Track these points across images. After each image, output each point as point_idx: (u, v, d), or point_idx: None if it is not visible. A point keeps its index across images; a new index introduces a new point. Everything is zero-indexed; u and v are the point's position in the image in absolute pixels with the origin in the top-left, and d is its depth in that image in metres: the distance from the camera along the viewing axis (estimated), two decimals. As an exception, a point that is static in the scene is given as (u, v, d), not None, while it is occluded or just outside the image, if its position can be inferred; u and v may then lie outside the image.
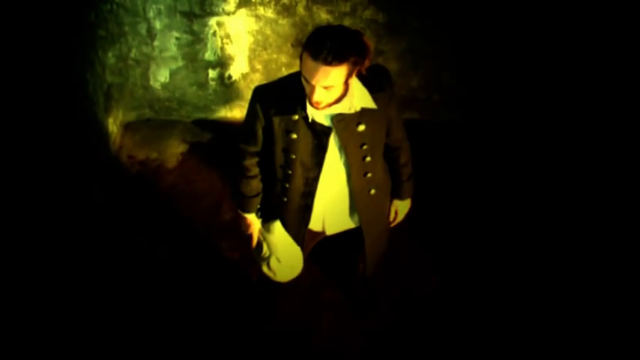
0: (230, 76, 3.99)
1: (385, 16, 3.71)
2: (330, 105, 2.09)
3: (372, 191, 2.40)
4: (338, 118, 2.16)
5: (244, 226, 2.57)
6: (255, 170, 2.42)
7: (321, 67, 1.90)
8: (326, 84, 1.94)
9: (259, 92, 2.25)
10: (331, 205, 2.45)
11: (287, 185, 2.35)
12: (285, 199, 2.40)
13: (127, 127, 4.13)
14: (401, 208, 2.67)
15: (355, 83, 2.12)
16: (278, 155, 2.30)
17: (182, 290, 3.24)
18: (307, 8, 3.69)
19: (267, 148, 2.33)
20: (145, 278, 3.27)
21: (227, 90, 4.07)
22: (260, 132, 2.29)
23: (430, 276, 3.32)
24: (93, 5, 3.54)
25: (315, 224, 2.52)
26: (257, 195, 2.47)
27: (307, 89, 2.02)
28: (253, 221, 2.54)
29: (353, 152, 2.26)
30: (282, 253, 2.58)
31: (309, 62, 1.91)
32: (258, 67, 3.96)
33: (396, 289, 3.25)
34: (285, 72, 3.88)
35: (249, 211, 2.51)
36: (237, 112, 4.16)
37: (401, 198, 2.63)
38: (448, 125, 4.15)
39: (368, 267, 2.71)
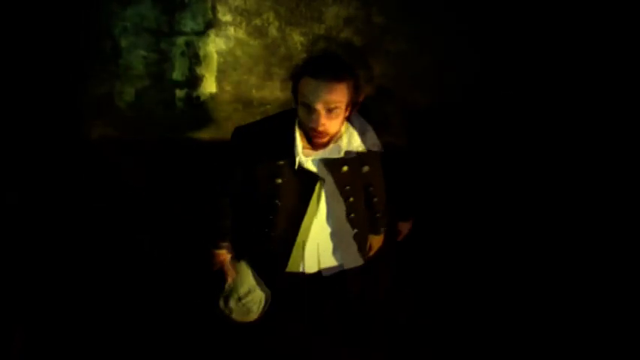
0: (198, 97, 3.87)
1: (361, 39, 3.66)
2: (324, 146, 2.00)
3: (355, 230, 2.29)
4: (325, 162, 2.06)
5: (214, 258, 2.43)
6: (228, 210, 2.31)
7: (324, 84, 1.84)
8: (330, 102, 1.85)
9: (240, 135, 2.13)
10: (311, 244, 2.31)
11: (266, 230, 2.23)
12: (264, 243, 2.28)
13: (92, 147, 3.94)
14: (404, 228, 2.60)
15: (358, 126, 2.04)
16: (259, 200, 2.18)
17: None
18: (280, 30, 3.61)
19: (245, 192, 2.21)
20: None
21: (195, 110, 3.93)
22: (239, 176, 2.17)
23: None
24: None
25: (293, 266, 2.37)
26: (228, 232, 2.37)
27: (308, 121, 1.91)
28: (224, 256, 2.42)
29: (337, 194, 2.16)
30: (245, 294, 2.47)
31: (311, 83, 1.86)
32: (228, 88, 3.85)
33: (391, 309, 3.05)
34: (255, 94, 3.80)
35: (220, 248, 2.39)
36: (205, 132, 4.02)
37: (405, 219, 2.57)
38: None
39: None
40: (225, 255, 2.41)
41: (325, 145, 2.00)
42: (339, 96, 1.87)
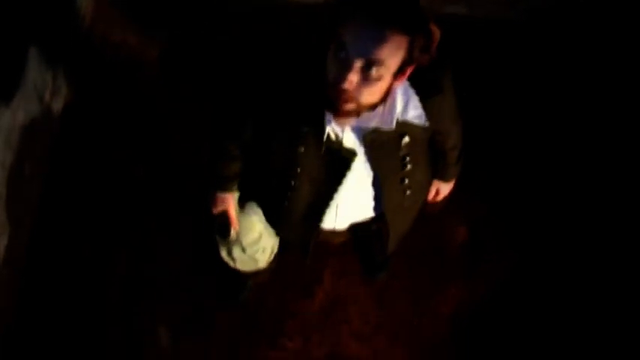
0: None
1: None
2: (359, 114, 1.45)
3: (408, 192, 1.88)
4: (370, 136, 1.58)
5: (217, 202, 2.09)
6: (235, 155, 1.92)
7: (375, 29, 1.28)
8: (375, 56, 1.29)
9: (254, 81, 1.66)
10: (347, 202, 1.91)
11: (288, 194, 1.83)
12: (286, 204, 1.88)
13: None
14: (443, 189, 2.22)
15: (400, 89, 1.53)
16: (276, 162, 1.77)
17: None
18: None
19: (260, 147, 1.79)
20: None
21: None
22: (250, 128, 1.75)
23: (459, 227, 2.90)
24: None
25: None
26: (236, 178, 2.01)
27: (334, 71, 1.36)
28: (229, 199, 2.07)
29: (390, 167, 1.73)
30: (251, 243, 2.19)
31: (357, 22, 1.29)
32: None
33: (416, 244, 2.77)
34: None
35: (225, 192, 2.04)
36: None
37: (444, 180, 2.16)
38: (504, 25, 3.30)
39: (389, 249, 2.26)
40: (230, 199, 2.06)
41: (351, 114, 1.44)
42: (389, 53, 1.30)
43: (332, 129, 1.57)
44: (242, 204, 2.11)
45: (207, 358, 2.67)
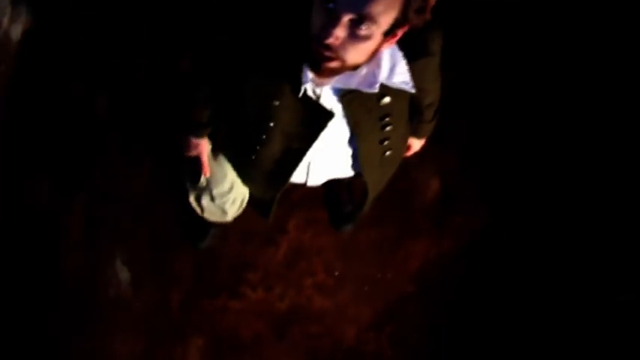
0: None
1: None
2: (339, 73, 1.32)
3: (388, 153, 1.78)
4: (349, 96, 1.45)
5: (190, 147, 1.96)
6: (208, 99, 1.79)
7: None
8: (367, 11, 1.15)
9: (232, 25, 1.51)
10: (321, 160, 1.80)
11: (258, 147, 1.71)
12: (254, 157, 1.77)
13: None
14: (415, 145, 2.10)
15: (387, 51, 1.38)
16: (250, 113, 1.63)
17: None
18: None
19: (234, 96, 1.66)
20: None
21: None
22: (223, 75, 1.63)
23: (430, 180, 2.77)
24: None
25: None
26: (209, 123, 1.88)
27: (319, 24, 1.21)
28: (203, 145, 1.95)
29: (369, 127, 1.61)
30: (221, 194, 2.09)
31: None
32: None
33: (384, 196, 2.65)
34: None
35: (199, 137, 1.91)
36: None
37: (418, 137, 2.04)
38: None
39: (366, 208, 2.17)
40: (204, 145, 1.95)
41: (332, 73, 1.31)
42: (384, 8, 1.16)
43: (310, 86, 1.43)
44: (216, 153, 1.99)
45: (166, 304, 2.61)
